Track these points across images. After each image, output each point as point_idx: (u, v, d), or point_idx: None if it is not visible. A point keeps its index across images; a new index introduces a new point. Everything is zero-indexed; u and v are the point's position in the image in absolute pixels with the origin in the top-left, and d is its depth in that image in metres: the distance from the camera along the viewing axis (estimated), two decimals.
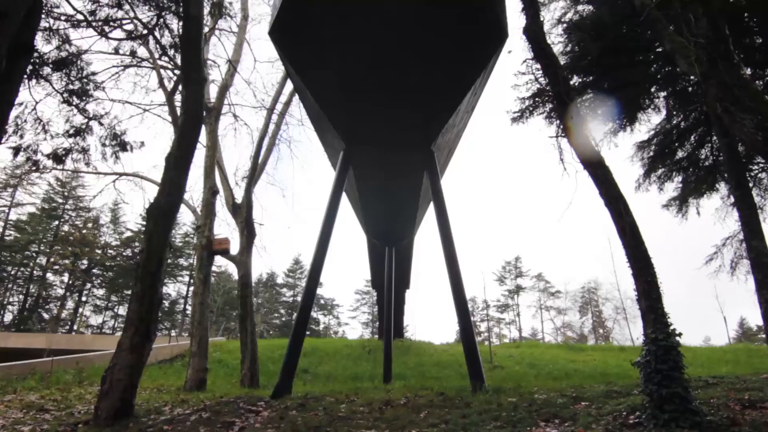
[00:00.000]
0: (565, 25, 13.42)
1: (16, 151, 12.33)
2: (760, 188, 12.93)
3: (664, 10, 8.38)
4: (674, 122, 13.37)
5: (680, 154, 13.69)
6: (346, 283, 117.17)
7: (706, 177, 13.33)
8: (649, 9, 7.57)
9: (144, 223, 17.43)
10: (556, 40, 13.43)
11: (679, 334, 6.33)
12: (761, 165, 12.31)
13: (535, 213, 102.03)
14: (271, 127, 19.17)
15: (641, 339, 6.91)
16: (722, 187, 13.43)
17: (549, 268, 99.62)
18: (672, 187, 14.29)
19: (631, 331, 50.57)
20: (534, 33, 8.97)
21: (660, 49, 11.43)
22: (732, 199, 11.94)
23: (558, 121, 11.11)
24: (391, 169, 7.99)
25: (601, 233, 78.67)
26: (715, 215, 13.90)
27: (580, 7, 13.39)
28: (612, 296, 57.33)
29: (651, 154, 13.89)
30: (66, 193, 50.31)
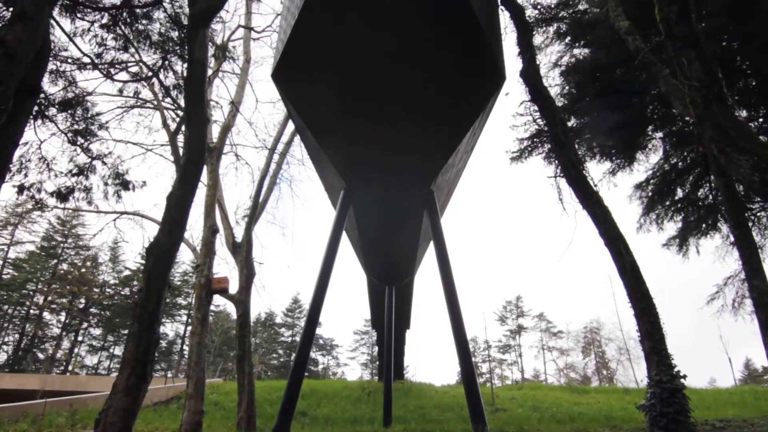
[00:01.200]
0: (561, 68, 13.73)
1: (21, 189, 12.40)
2: (760, 227, 12.96)
3: (659, 53, 8.59)
4: (672, 162, 13.50)
5: (679, 193, 13.79)
6: (345, 322, 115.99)
7: (705, 216, 13.38)
8: (643, 53, 7.76)
9: (143, 261, 17.37)
10: (553, 82, 13.73)
11: (684, 376, 6.24)
12: (760, 204, 12.37)
13: (535, 252, 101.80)
14: (273, 166, 19.37)
15: (646, 381, 6.80)
16: (722, 226, 13.47)
17: (550, 308, 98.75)
18: (672, 226, 14.33)
19: (635, 372, 49.71)
20: (531, 76, 9.16)
21: (655, 91, 11.65)
22: (732, 238, 11.95)
23: (556, 162, 11.23)
24: (392, 208, 8.02)
25: (602, 272, 78.37)
26: (716, 254, 13.89)
27: (576, 51, 13.71)
28: (615, 336, 56.67)
29: (650, 193, 13.98)
30: (66, 232, 50.37)
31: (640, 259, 7.71)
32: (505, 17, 10.07)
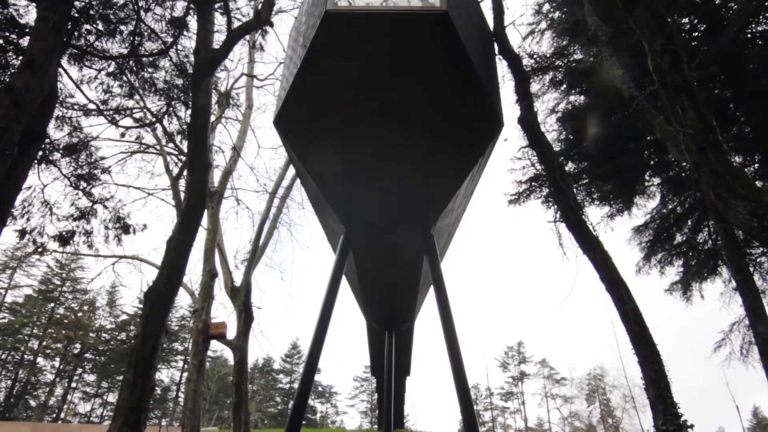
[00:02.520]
0: (558, 114, 13.99)
1: (22, 233, 12.42)
2: (762, 273, 12.91)
3: (653, 101, 8.77)
4: (670, 207, 13.58)
5: (679, 238, 13.79)
6: (345, 369, 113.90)
7: (706, 261, 13.35)
8: (638, 101, 7.92)
9: (141, 306, 17.27)
10: (550, 128, 13.97)
11: (691, 426, 6.09)
12: (760, 250, 12.36)
13: (537, 296, 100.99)
14: (273, 210, 19.48)
15: (652, 430, 6.64)
16: (724, 271, 13.41)
17: (553, 354, 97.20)
18: (673, 271, 14.27)
19: (641, 421, 48.52)
20: (529, 123, 9.33)
21: (651, 137, 11.83)
22: (734, 284, 11.91)
23: (555, 206, 11.30)
24: (391, 253, 8.01)
25: (604, 317, 77.54)
26: (720, 300, 13.77)
27: (572, 98, 14.00)
28: (619, 383, 55.60)
29: (649, 238, 13.99)
30: (64, 275, 50.09)
31: (643, 302, 7.65)
32: (502, 66, 10.36)
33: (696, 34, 11.85)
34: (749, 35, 10.89)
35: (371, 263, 6.19)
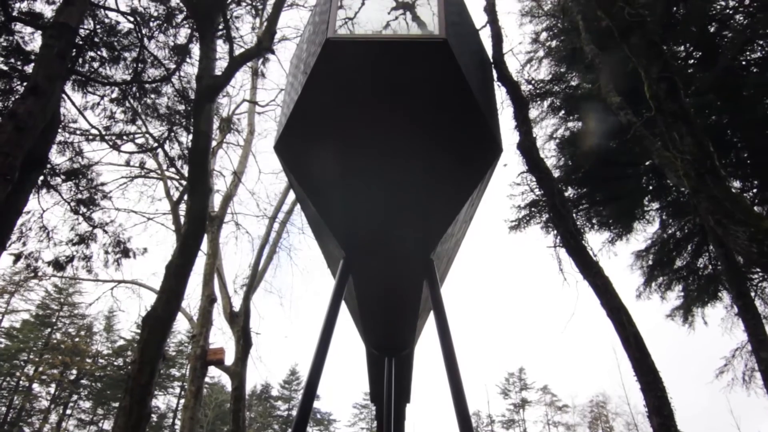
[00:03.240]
0: (557, 140, 14.10)
1: (17, 258, 12.40)
2: (764, 298, 12.83)
3: (650, 127, 8.85)
4: (670, 232, 13.57)
5: (679, 263, 13.75)
6: (344, 395, 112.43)
7: (707, 286, 13.29)
8: (636, 127, 8.00)
9: (138, 331, 17.10)
10: (549, 153, 14.06)
11: None
12: (761, 275, 12.32)
13: (538, 322, 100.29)
14: (273, 235, 19.48)
15: None
16: (725, 296, 13.33)
17: (555, 380, 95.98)
18: (674, 296, 14.19)
19: None
20: (528, 148, 9.40)
21: (649, 163, 11.89)
22: (736, 309, 11.83)
23: (555, 232, 11.30)
24: (391, 278, 7.98)
25: (606, 343, 76.80)
26: (722, 325, 13.66)
27: (570, 124, 14.13)
28: (622, 410, 54.80)
29: (650, 263, 13.95)
30: (62, 300, 49.77)
31: (646, 328, 7.60)
32: (501, 92, 10.48)
33: (691, 61, 12.02)
34: (744, 62, 11.04)
35: (371, 288, 6.16)
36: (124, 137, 13.41)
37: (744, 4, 10.97)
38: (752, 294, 10.82)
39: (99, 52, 11.43)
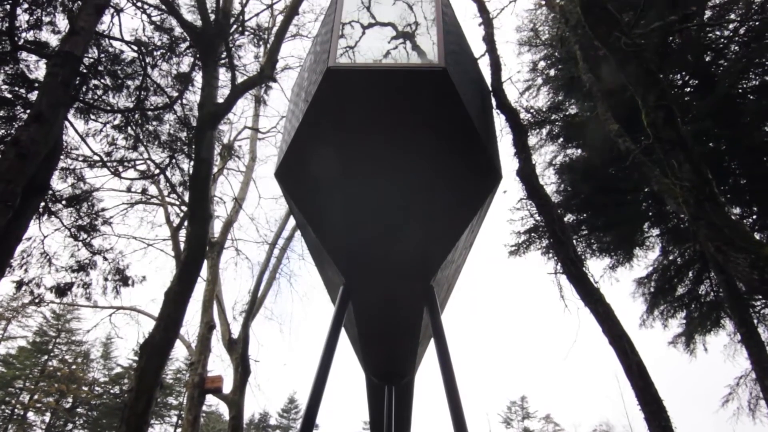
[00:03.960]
0: (556, 166, 14.17)
1: (19, 285, 12.35)
2: (766, 325, 12.72)
3: (649, 154, 8.90)
4: (670, 258, 13.53)
5: (680, 290, 13.67)
6: (343, 425, 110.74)
7: (709, 313, 13.19)
8: (634, 154, 8.04)
9: (136, 359, 16.92)
10: (548, 180, 14.12)
11: None
12: (762, 302, 12.24)
13: (540, 349, 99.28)
14: (273, 261, 19.42)
15: None
16: (728, 324, 13.21)
17: (557, 409, 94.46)
18: (676, 323, 14.06)
19: None
20: (527, 175, 9.45)
21: (648, 189, 11.93)
22: (739, 336, 11.72)
23: (555, 258, 11.28)
24: (391, 305, 7.95)
25: (609, 371, 75.90)
26: (724, 353, 13.51)
27: (569, 151, 14.22)
28: None
29: (651, 290, 13.88)
30: (60, 326, 49.34)
31: (650, 356, 7.52)
32: (500, 119, 10.58)
33: (688, 89, 12.16)
34: (740, 90, 11.17)
35: (370, 315, 6.13)
36: (126, 164, 13.49)
37: (738, 34, 11.15)
38: (755, 321, 10.73)
39: (102, 80, 11.58)
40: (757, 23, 10.67)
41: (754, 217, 11.59)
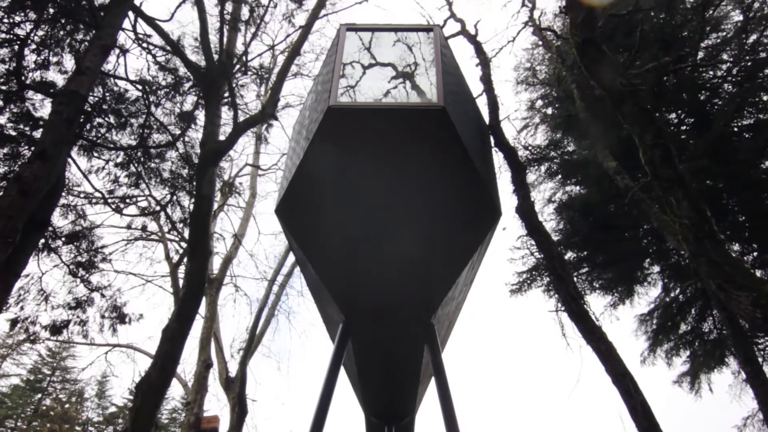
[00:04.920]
0: (555, 204, 14.24)
1: (14, 323, 12.21)
2: None
3: (647, 191, 8.95)
4: (672, 295, 13.44)
5: (683, 327, 13.52)
6: None
7: (713, 351, 13.01)
8: (633, 192, 8.09)
9: (131, 398, 16.64)
10: (548, 217, 14.16)
11: None
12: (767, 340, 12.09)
13: (543, 387, 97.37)
14: (272, 297, 19.27)
15: None
16: (732, 362, 13.01)
17: None
18: (680, 362, 13.85)
19: None
20: (526, 212, 9.49)
21: (648, 226, 11.95)
22: (744, 375, 11.52)
23: (556, 295, 11.21)
24: (391, 342, 7.87)
25: (612, 410, 74.30)
26: (729, 392, 13.27)
27: (568, 188, 14.30)
28: None
29: (654, 327, 13.74)
30: (55, 364, 48.56)
31: (655, 394, 7.39)
32: (499, 157, 10.69)
33: (684, 127, 12.32)
34: (736, 128, 11.32)
35: (370, 353, 6.06)
36: (127, 200, 13.54)
37: (732, 74, 11.38)
38: (760, 360, 10.58)
39: (107, 119, 11.74)
40: (749, 63, 10.90)
41: (755, 254, 11.57)
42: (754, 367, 9.58)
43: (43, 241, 11.15)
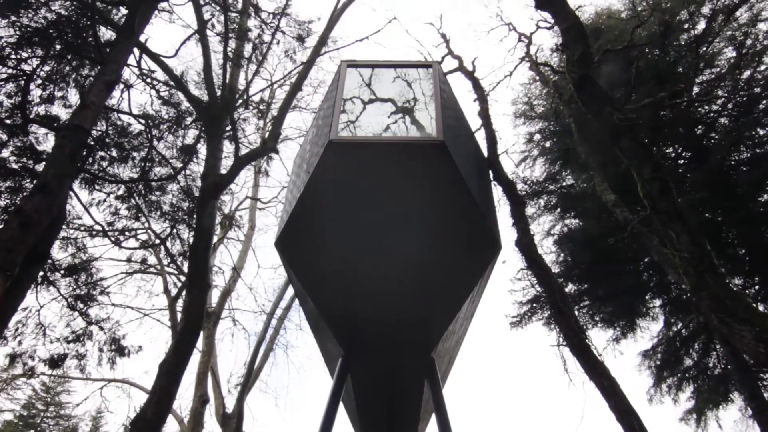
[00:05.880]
0: (554, 236, 14.23)
1: (12, 358, 12.05)
2: None
3: (647, 224, 8.96)
4: (675, 330, 13.31)
5: (687, 362, 13.34)
6: None
7: (717, 387, 12.81)
8: (632, 225, 8.11)
9: None
10: (548, 249, 14.13)
11: None
12: None
13: (546, 424, 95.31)
14: (270, 331, 19.07)
15: None
16: (738, 398, 12.78)
17: None
18: (685, 398, 13.61)
19: None
20: (526, 246, 9.48)
21: (648, 259, 11.91)
22: (750, 411, 11.30)
23: (558, 329, 11.10)
24: (391, 377, 7.76)
25: None
26: (735, 428, 13.01)
27: (567, 221, 14.33)
28: None
29: (657, 363, 13.56)
30: (49, 399, 47.72)
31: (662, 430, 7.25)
32: (498, 190, 10.74)
33: (681, 161, 12.42)
34: (733, 162, 11.41)
35: (370, 388, 5.97)
36: (127, 233, 13.53)
37: (727, 109, 11.53)
38: (765, 395, 10.40)
39: (109, 152, 11.83)
40: (744, 98, 11.06)
41: (756, 287, 11.51)
42: (759, 402, 9.42)
43: (41, 273, 11.09)
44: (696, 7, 11.17)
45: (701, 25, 11.28)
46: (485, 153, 10.09)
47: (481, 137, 11.85)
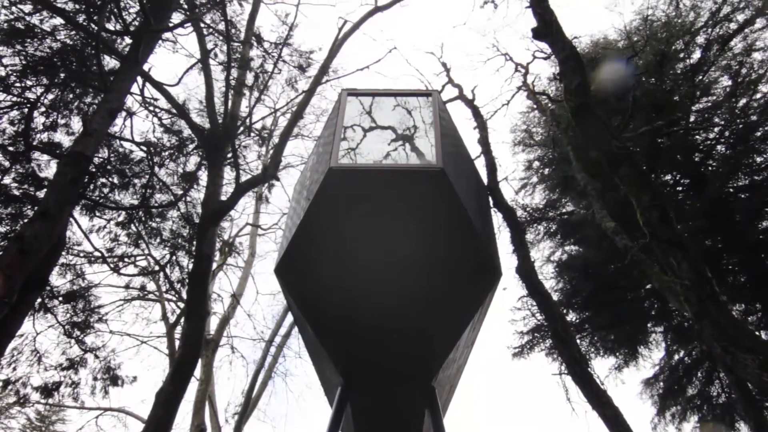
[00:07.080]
0: (554, 263, 14.19)
1: (5, 384, 11.88)
2: None
3: (647, 252, 8.94)
4: (677, 358, 13.17)
5: (691, 390, 13.16)
6: None
7: (722, 416, 12.60)
8: (632, 252, 8.09)
9: None
10: (548, 275, 14.07)
11: None
12: None
13: None
14: (268, 359, 18.87)
15: None
16: (743, 428, 12.57)
17: None
18: (690, 427, 13.38)
19: None
20: (526, 272, 9.46)
21: (649, 286, 11.85)
22: None
23: (560, 358, 10.99)
24: (391, 406, 7.65)
25: None
26: None
27: (567, 247, 14.30)
28: None
29: (660, 391, 13.37)
30: (44, 429, 46.90)
31: None
32: (497, 218, 10.76)
33: (680, 188, 12.46)
34: (731, 189, 11.45)
35: (370, 417, 5.88)
36: (126, 260, 13.48)
37: (724, 136, 11.63)
38: None
39: (110, 179, 11.88)
40: (741, 126, 11.16)
41: (759, 314, 11.43)
42: None
43: (39, 300, 11.02)
44: (691, 37, 11.36)
45: (696, 55, 11.46)
46: (485, 180, 10.15)
47: (481, 164, 11.94)
